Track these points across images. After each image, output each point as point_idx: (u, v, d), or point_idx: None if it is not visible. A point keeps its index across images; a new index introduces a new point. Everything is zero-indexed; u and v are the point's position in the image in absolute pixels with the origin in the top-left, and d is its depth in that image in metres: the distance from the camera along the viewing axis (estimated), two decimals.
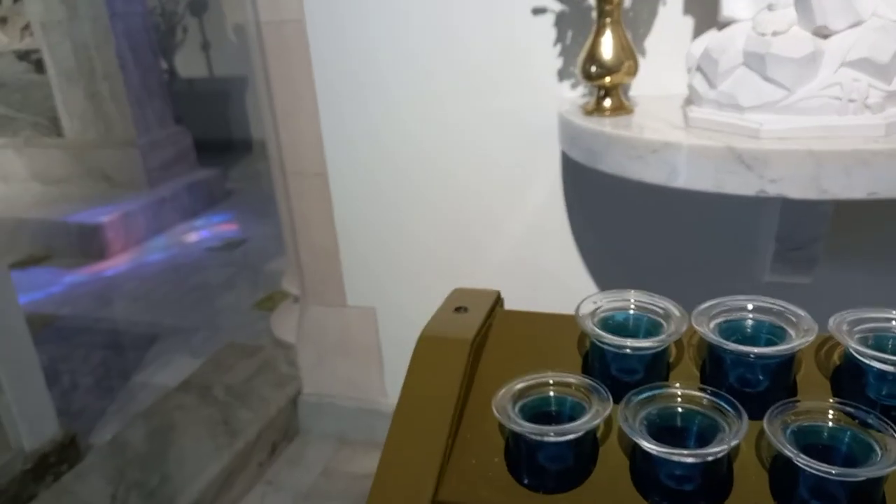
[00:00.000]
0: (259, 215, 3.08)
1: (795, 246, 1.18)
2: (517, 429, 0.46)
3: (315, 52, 1.38)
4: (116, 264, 2.73)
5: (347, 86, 1.39)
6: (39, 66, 3.09)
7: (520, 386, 0.50)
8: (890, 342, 0.50)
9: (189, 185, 3.24)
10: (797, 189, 0.95)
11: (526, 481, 0.48)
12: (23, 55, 3.13)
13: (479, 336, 0.56)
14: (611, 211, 1.35)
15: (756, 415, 0.47)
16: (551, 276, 1.42)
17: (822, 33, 0.92)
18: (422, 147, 1.40)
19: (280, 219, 1.76)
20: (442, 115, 1.36)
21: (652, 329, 0.53)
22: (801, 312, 0.51)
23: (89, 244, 2.79)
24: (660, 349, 0.52)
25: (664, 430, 0.48)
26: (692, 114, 1.05)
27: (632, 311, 0.55)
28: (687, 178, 1.02)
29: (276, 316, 1.87)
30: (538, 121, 1.30)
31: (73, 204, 3.00)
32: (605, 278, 1.42)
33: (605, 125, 1.09)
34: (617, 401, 0.48)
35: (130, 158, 3.12)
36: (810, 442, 0.46)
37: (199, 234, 3.01)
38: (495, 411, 0.47)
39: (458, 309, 0.59)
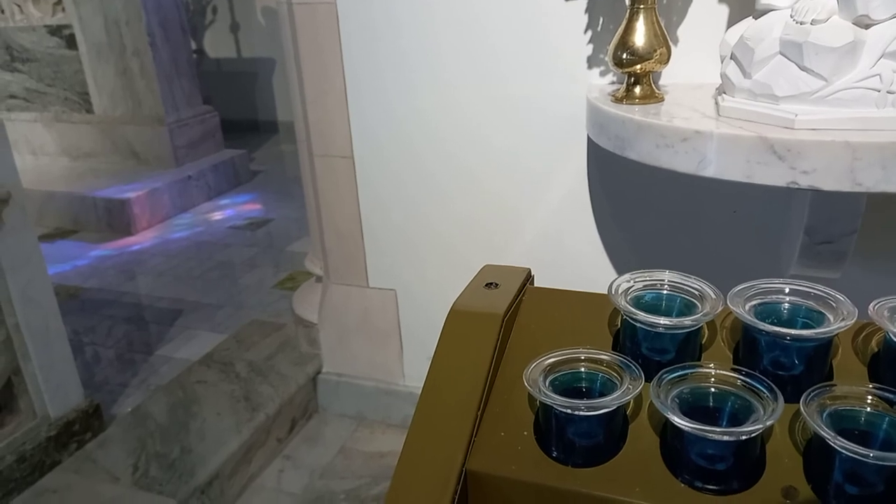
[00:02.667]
0: (283, 196, 3.09)
1: (825, 239, 1.16)
2: (547, 401, 0.46)
3: (345, 35, 1.38)
4: (142, 240, 2.77)
5: (376, 70, 1.39)
6: (71, 42, 3.13)
7: (551, 360, 0.50)
8: None
9: (215, 164, 3.27)
10: (831, 181, 0.93)
11: (555, 455, 0.48)
12: (54, 30, 3.16)
13: (510, 311, 0.56)
14: (636, 199, 1.33)
15: (790, 398, 0.46)
16: (574, 264, 1.41)
17: (863, 23, 0.90)
18: (448, 133, 1.40)
19: (305, 200, 1.76)
20: (468, 101, 1.35)
21: (684, 309, 0.53)
22: (841, 297, 0.50)
23: (116, 219, 2.83)
24: (693, 329, 0.51)
25: (696, 409, 0.48)
26: (724, 103, 1.03)
27: (665, 291, 0.54)
28: (717, 167, 1.00)
29: (298, 295, 1.88)
30: (566, 108, 1.29)
31: (101, 179, 3.04)
32: (626, 266, 1.41)
33: (635, 113, 1.08)
34: (648, 380, 0.48)
35: (158, 136, 3.15)
36: (846, 426, 0.45)
37: (223, 212, 3.03)
38: (526, 383, 0.47)
39: (488, 285, 0.59)
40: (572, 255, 1.41)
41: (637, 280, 0.55)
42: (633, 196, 1.34)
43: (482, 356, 0.52)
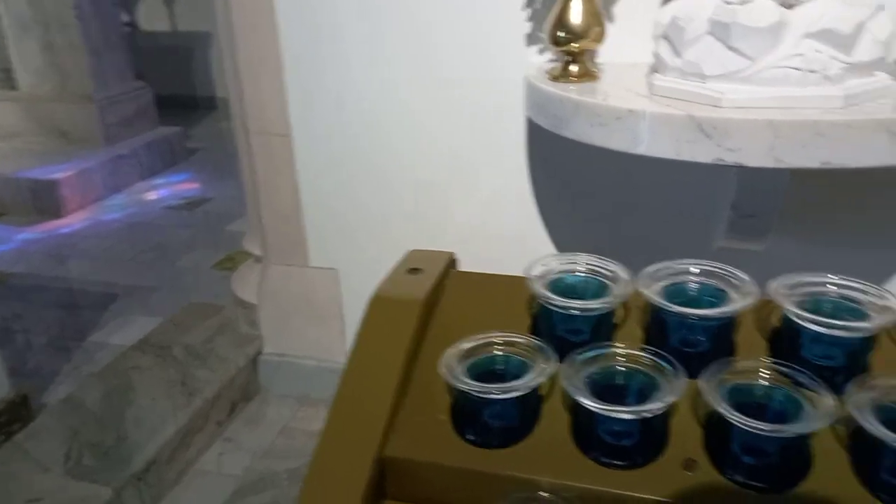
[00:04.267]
0: (221, 175, 3.01)
1: (750, 214, 1.20)
2: (462, 387, 0.47)
3: (281, 8, 1.34)
4: (72, 222, 2.66)
5: (312, 45, 1.36)
6: None
7: (467, 346, 0.50)
8: (825, 305, 0.51)
9: (149, 142, 3.15)
10: (754, 158, 0.96)
11: (470, 438, 0.49)
12: None
13: (431, 297, 0.56)
14: (574, 177, 1.35)
15: (697, 374, 0.48)
16: (516, 240, 1.42)
17: (788, 3, 0.92)
18: (386, 113, 1.38)
19: (242, 179, 1.72)
20: (407, 79, 1.34)
21: (600, 291, 0.54)
22: (744, 276, 0.52)
23: (44, 201, 2.71)
24: (606, 311, 0.53)
25: (606, 388, 0.49)
26: (656, 82, 1.05)
27: (581, 274, 0.55)
28: (649, 145, 1.02)
29: (237, 276, 1.85)
30: (505, 86, 1.29)
31: (27, 159, 2.90)
32: (567, 242, 1.43)
33: (571, 91, 1.09)
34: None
35: (87, 113, 3.01)
36: (744, 400, 0.47)
37: (158, 192, 2.93)
38: (440, 370, 0.47)
39: (412, 270, 0.59)
40: (513, 236, 1.42)
41: (554, 264, 0.56)
42: (571, 175, 1.35)
43: (401, 342, 0.52)
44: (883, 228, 1.23)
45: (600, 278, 0.55)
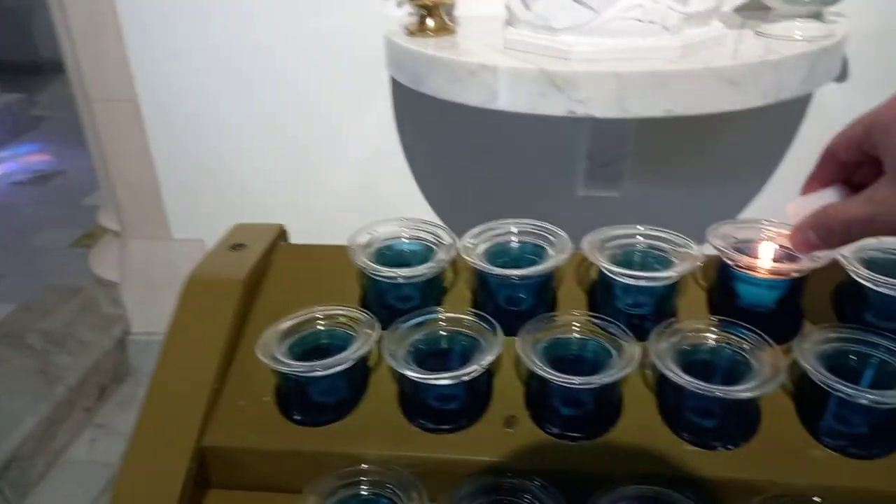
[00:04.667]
0: (74, 145, 2.76)
1: (604, 162, 1.24)
2: (281, 368, 0.46)
3: None
4: None
5: (153, 3, 1.25)
6: None
7: (287, 324, 0.49)
8: (636, 257, 0.54)
9: None
10: (602, 109, 0.99)
11: (297, 417, 0.48)
12: None
13: (255, 274, 0.54)
14: (440, 134, 1.34)
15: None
16: (388, 203, 1.40)
17: None
18: (241, 71, 1.31)
19: (90, 150, 1.60)
20: (261, 35, 1.26)
21: (427, 256, 0.54)
22: (561, 233, 0.54)
23: None
24: (432, 276, 0.52)
25: (430, 354, 0.49)
26: (509, 35, 1.05)
27: (405, 240, 0.55)
28: (505, 100, 1.02)
29: (95, 254, 1.73)
30: (366, 41, 1.25)
31: None
32: (439, 202, 1.43)
33: (428, 47, 1.07)
34: None
35: None
36: (561, 354, 0.49)
37: (3, 166, 2.68)
38: (258, 352, 0.46)
39: (234, 246, 0.56)
40: (385, 198, 1.41)
41: (380, 230, 0.55)
42: (438, 131, 1.34)
43: (220, 326, 0.50)
44: (728, 169, 1.31)
45: (426, 243, 0.55)
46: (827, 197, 0.42)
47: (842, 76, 1.16)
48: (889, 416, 0.44)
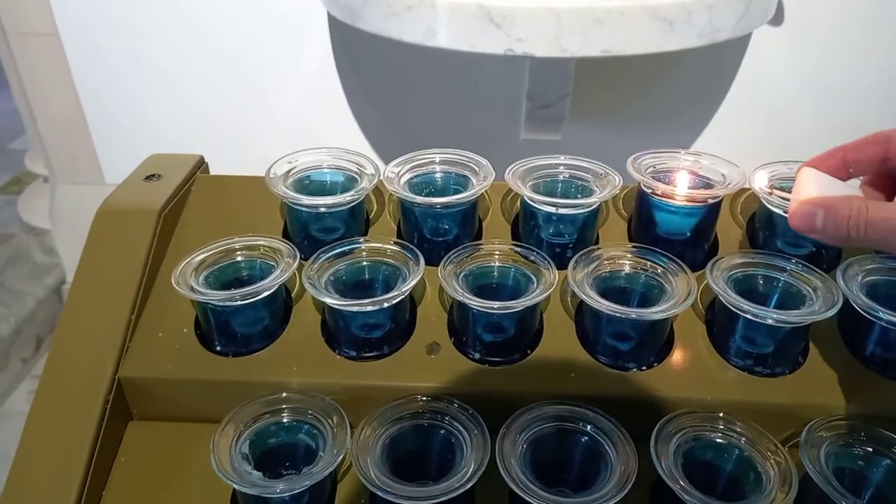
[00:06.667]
0: None
1: (544, 104, 1.24)
2: (200, 298, 0.45)
3: None
4: None
5: None
6: None
7: (205, 255, 0.48)
8: (559, 187, 0.54)
9: None
10: (541, 47, 0.98)
11: (218, 348, 0.47)
12: None
13: (171, 205, 0.52)
14: (381, 74, 1.31)
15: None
16: (329, 145, 1.38)
17: None
18: (170, 1, 1.24)
19: (11, 89, 1.51)
20: None
21: (349, 186, 0.53)
22: (483, 161, 0.53)
23: None
24: (354, 205, 0.52)
25: (353, 284, 0.49)
26: None
27: (327, 170, 0.54)
28: (442, 37, 1.00)
29: (23, 199, 1.66)
30: None
31: None
32: (377, 145, 1.41)
33: None
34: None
35: None
36: (483, 282, 0.49)
37: None
38: (174, 282, 0.45)
39: (149, 177, 0.54)
40: (320, 141, 1.37)
41: (300, 160, 0.54)
42: (377, 70, 1.31)
43: (135, 256, 0.48)
44: (666, 113, 1.32)
45: (348, 173, 0.54)
46: (849, 189, 0.41)
47: (777, 19, 1.18)
48: (792, 335, 0.46)
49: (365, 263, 0.49)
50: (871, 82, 1.18)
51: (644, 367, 0.47)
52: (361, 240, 0.49)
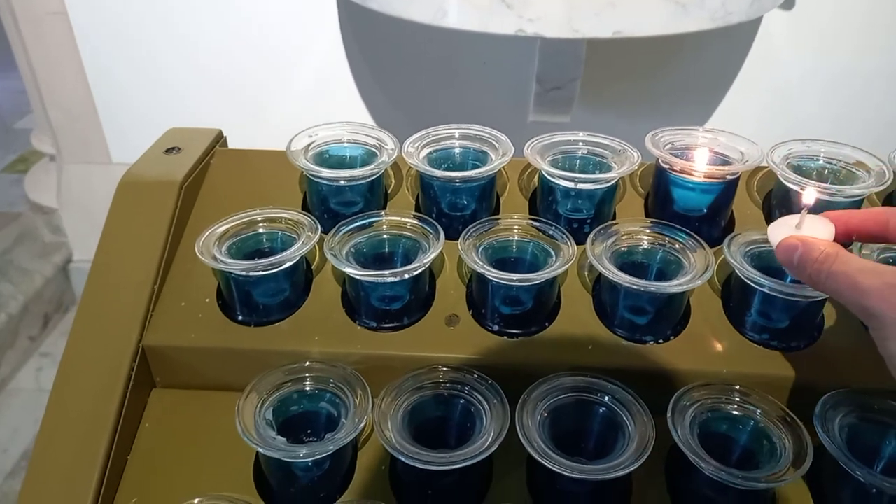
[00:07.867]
0: (2, 63, 2.62)
1: (554, 86, 1.23)
2: (223, 267, 0.45)
3: None
4: None
5: None
6: None
7: (226, 226, 0.48)
8: (577, 163, 0.54)
9: None
10: (553, 28, 0.97)
11: (240, 318, 0.48)
12: None
13: (192, 177, 0.52)
14: (389, 57, 1.31)
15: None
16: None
17: None
18: None
19: (20, 69, 1.51)
20: None
21: (368, 160, 0.54)
22: (502, 136, 0.54)
23: None
24: (374, 178, 0.52)
25: (373, 257, 0.50)
26: None
27: (347, 144, 0.54)
28: (454, 17, 1.00)
29: (30, 178, 1.66)
30: None
31: None
32: (390, 126, 1.41)
33: None
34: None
35: None
36: (501, 256, 0.50)
37: None
38: (198, 251, 0.45)
39: (169, 150, 0.54)
40: (329, 118, 1.37)
41: (318, 135, 0.54)
42: (386, 53, 1.31)
43: (158, 227, 0.49)
44: (676, 96, 1.32)
45: (368, 147, 0.54)
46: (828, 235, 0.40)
47: (788, 3, 1.17)
48: (808, 310, 0.47)
49: (385, 236, 0.49)
50: (879, 66, 1.18)
51: (661, 341, 0.48)
52: (382, 213, 0.50)
